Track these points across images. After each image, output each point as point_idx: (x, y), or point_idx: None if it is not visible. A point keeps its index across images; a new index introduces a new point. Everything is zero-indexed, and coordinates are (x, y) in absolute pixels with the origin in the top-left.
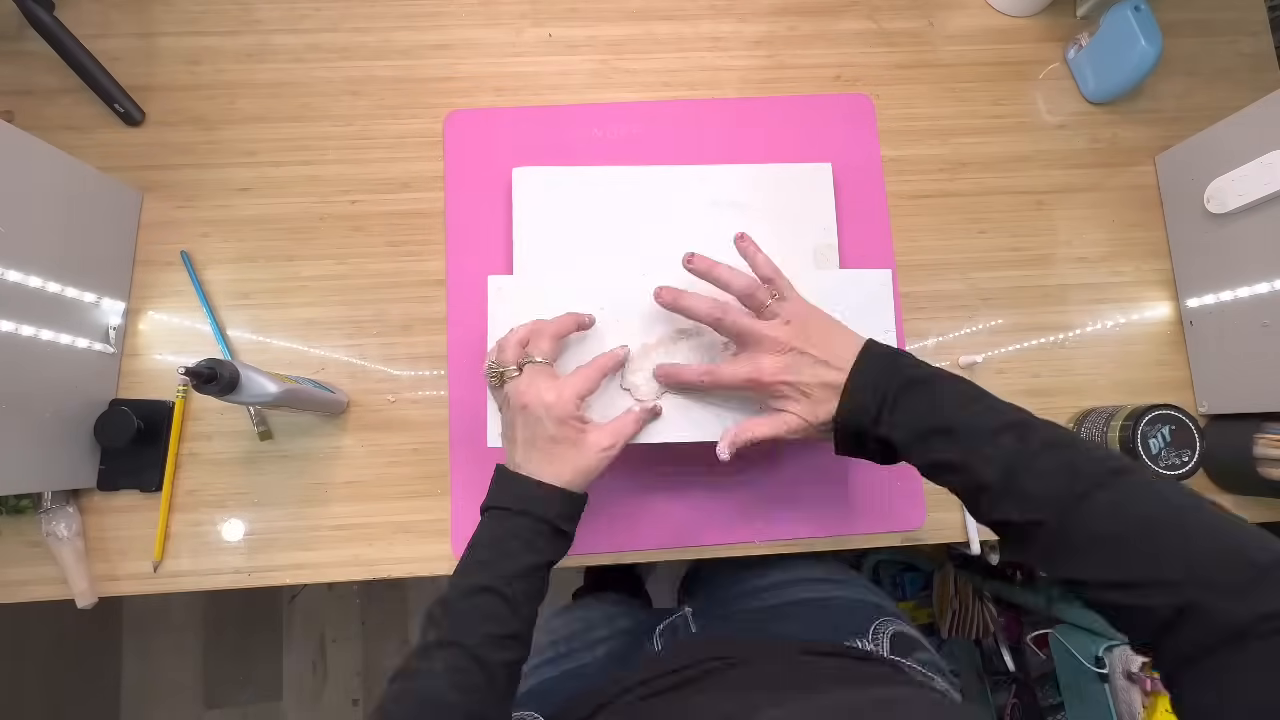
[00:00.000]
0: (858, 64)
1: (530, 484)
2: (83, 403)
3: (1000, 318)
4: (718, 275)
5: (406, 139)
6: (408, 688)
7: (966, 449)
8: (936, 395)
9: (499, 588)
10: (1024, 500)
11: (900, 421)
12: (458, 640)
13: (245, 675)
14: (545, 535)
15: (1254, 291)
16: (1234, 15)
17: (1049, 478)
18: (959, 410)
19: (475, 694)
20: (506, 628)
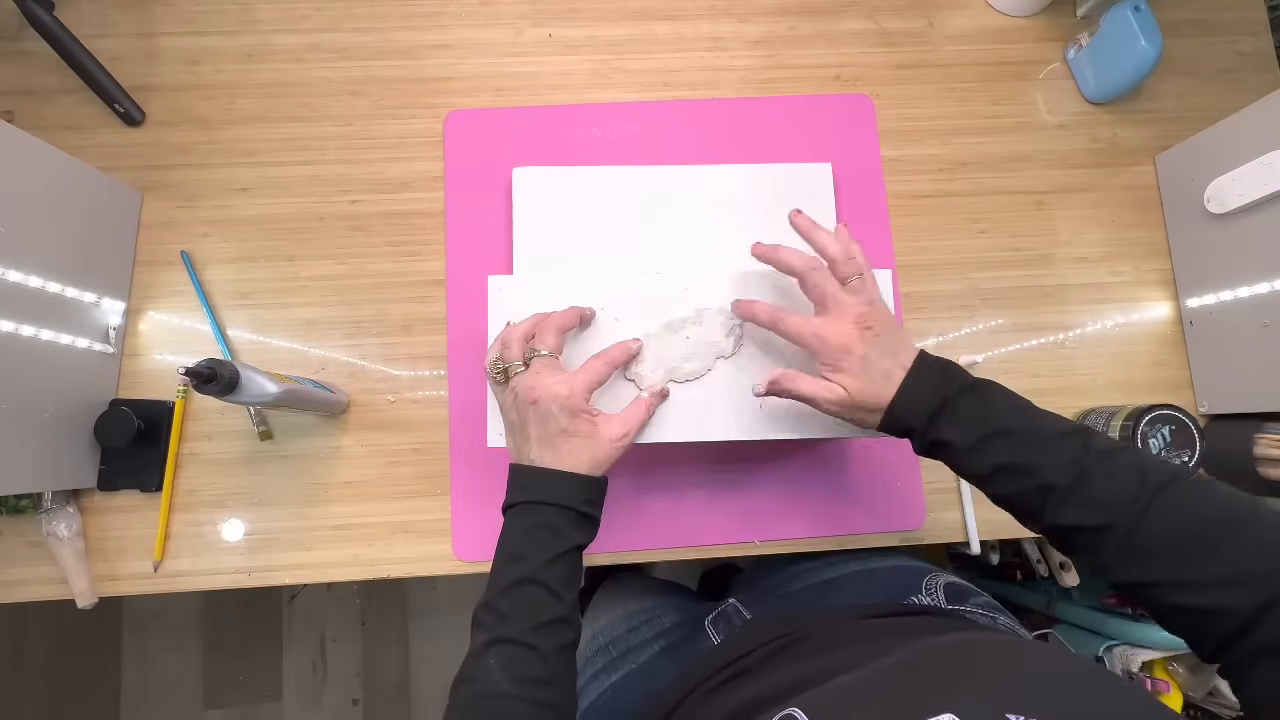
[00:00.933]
0: (858, 64)
1: (549, 473)
2: (83, 403)
3: (1000, 318)
4: (816, 239)
5: (406, 139)
6: (469, 692)
7: (1032, 451)
8: (993, 400)
9: (537, 576)
10: (1094, 503)
11: (963, 419)
12: (506, 635)
13: (245, 675)
14: (572, 520)
15: (1254, 291)
16: (1234, 15)
17: (1118, 480)
18: (1018, 415)
19: (533, 683)
20: (552, 613)
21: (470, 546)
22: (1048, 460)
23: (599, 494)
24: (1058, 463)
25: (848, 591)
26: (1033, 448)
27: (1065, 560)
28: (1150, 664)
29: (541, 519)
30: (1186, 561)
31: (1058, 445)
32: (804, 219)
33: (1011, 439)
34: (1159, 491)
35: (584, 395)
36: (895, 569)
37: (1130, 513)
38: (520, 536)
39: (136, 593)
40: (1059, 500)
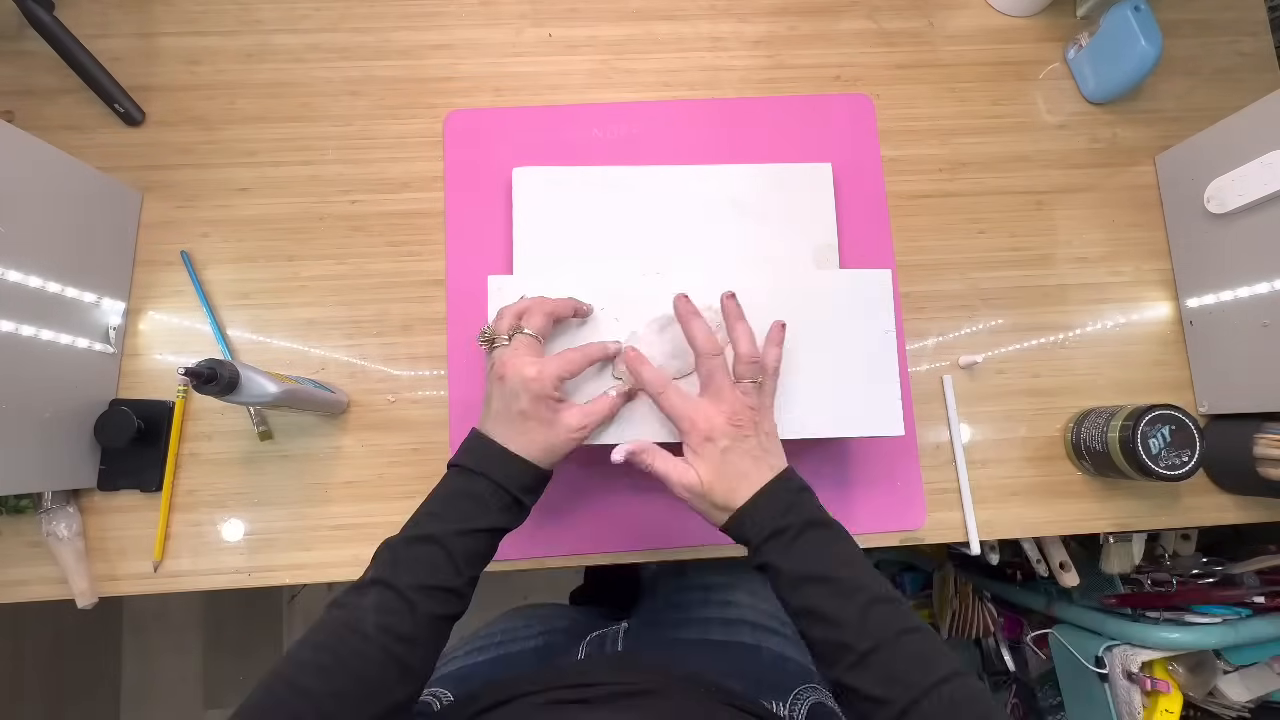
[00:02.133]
0: (858, 64)
1: (495, 449)
2: (83, 403)
3: (1000, 318)
4: (734, 330)
5: (406, 139)
6: (336, 616)
7: (841, 605)
8: (831, 546)
9: (445, 541)
10: (880, 678)
11: (797, 553)
12: (391, 582)
13: (245, 675)
14: (503, 502)
15: (1254, 291)
16: (1234, 15)
17: (909, 663)
18: (847, 568)
19: (394, 636)
20: (443, 580)
21: None
22: (854, 620)
23: (539, 484)
24: (863, 626)
25: (729, 659)
26: (845, 604)
27: (1065, 560)
28: (1150, 664)
29: (471, 489)
30: None
31: (868, 610)
32: (732, 305)
33: (830, 586)
34: (939, 684)
35: (552, 381)
36: (779, 659)
37: (908, 699)
38: (449, 496)
39: (136, 593)
40: (852, 663)
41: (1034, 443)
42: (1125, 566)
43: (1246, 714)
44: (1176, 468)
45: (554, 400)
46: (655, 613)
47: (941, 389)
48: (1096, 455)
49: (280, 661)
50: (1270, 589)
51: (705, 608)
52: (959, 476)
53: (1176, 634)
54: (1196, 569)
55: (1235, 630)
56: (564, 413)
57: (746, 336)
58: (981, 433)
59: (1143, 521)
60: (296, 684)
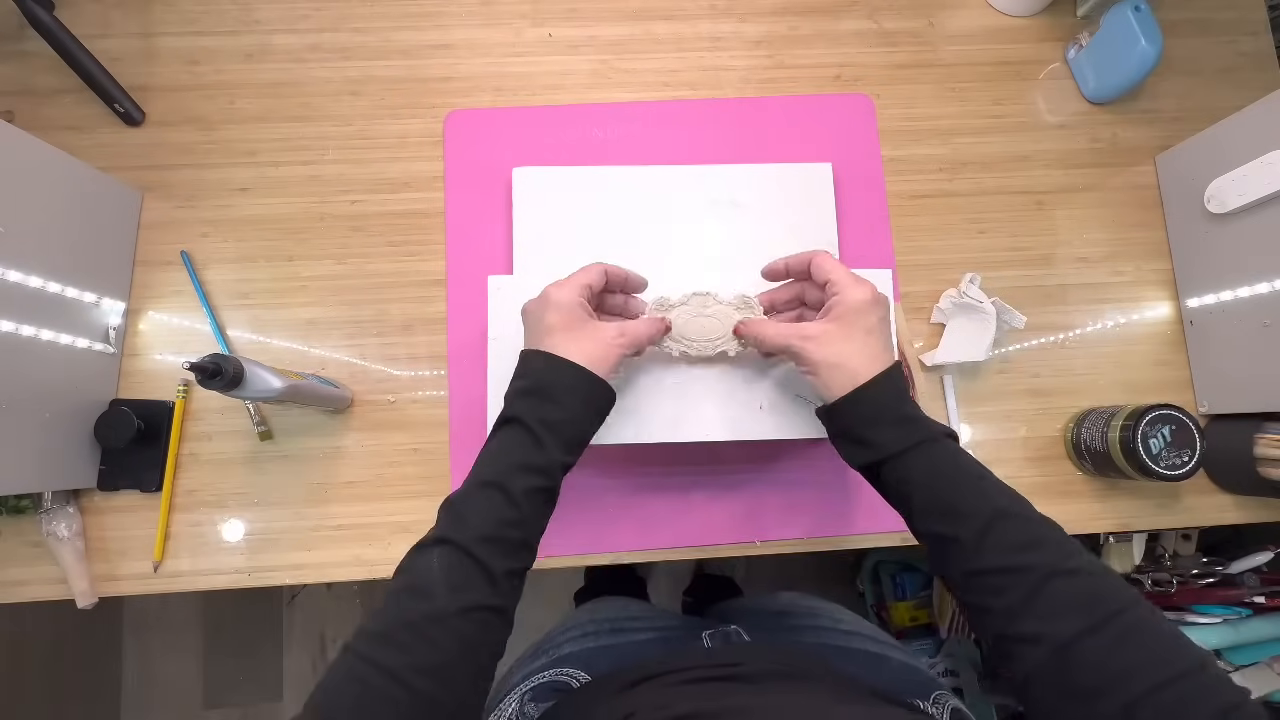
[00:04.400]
0: (858, 64)
1: (544, 358)
2: (83, 403)
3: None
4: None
5: (406, 139)
6: (402, 583)
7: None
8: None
9: (503, 483)
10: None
11: (918, 464)
12: (455, 539)
13: (245, 675)
14: (562, 427)
15: (1254, 291)
16: (1234, 15)
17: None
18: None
19: (468, 600)
20: (509, 530)
21: None
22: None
23: (599, 397)
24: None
25: (857, 664)
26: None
27: None
28: None
29: (535, 415)
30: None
31: (988, 530)
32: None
33: (956, 520)
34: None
35: (578, 289)
36: (908, 666)
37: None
38: (504, 441)
39: (136, 593)
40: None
41: (1034, 443)
42: (1125, 566)
43: None
44: (1176, 468)
45: (585, 309)
46: (761, 619)
47: (942, 389)
48: (1097, 455)
49: (355, 638)
50: (1270, 589)
51: (815, 619)
52: None
53: None
54: (1196, 569)
55: (1235, 630)
56: (599, 322)
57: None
58: (981, 433)
59: (1143, 521)
60: (376, 661)
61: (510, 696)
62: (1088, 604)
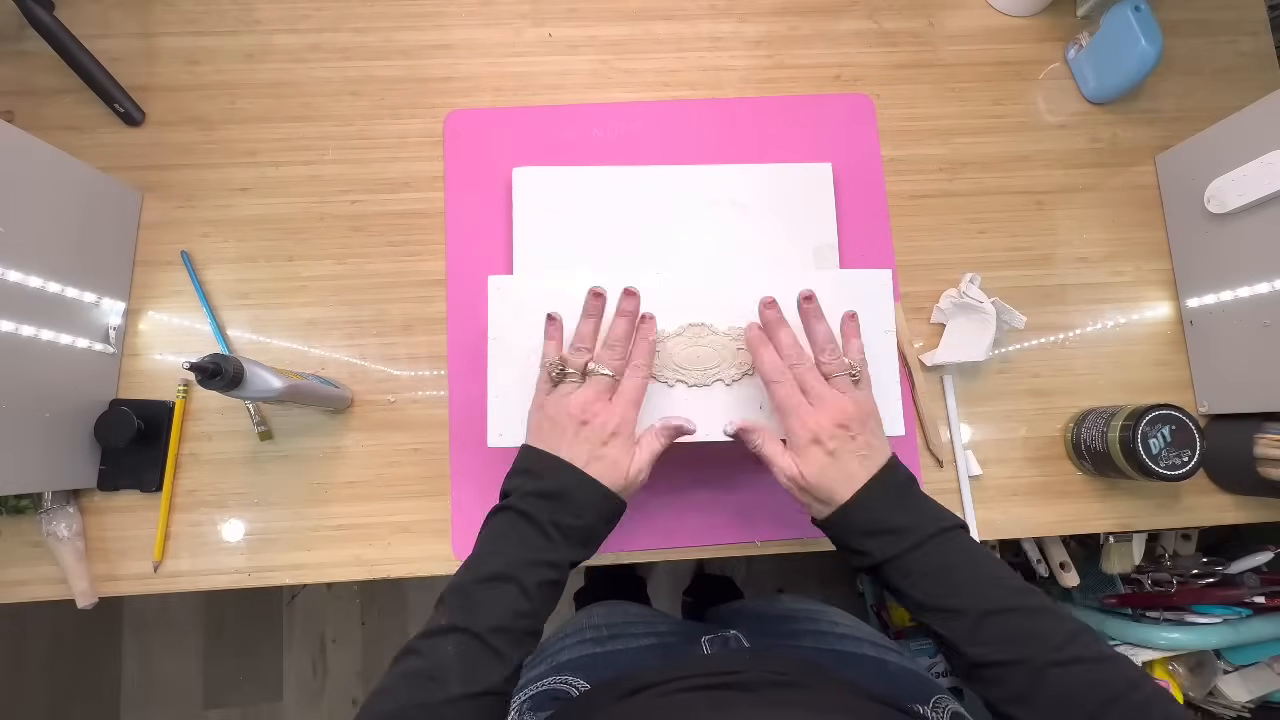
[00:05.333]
0: (858, 64)
1: (577, 472)
2: (83, 403)
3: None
4: (814, 331)
5: (406, 139)
6: (413, 666)
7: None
8: (938, 559)
9: (516, 576)
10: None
11: (910, 568)
12: (469, 627)
13: (245, 675)
14: (572, 532)
15: (1254, 291)
16: (1234, 15)
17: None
18: (955, 592)
19: (481, 688)
20: (523, 622)
21: (470, 547)
22: (967, 637)
23: (615, 515)
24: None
25: (855, 668)
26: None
27: (1065, 560)
28: (1150, 664)
29: (545, 515)
30: None
31: (981, 625)
32: (811, 306)
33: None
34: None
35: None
36: (908, 670)
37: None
38: (509, 532)
39: (136, 593)
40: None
41: (1034, 443)
42: (1125, 566)
43: (1246, 714)
44: (1177, 468)
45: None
46: (761, 623)
47: (941, 389)
48: (1097, 455)
49: (363, 713)
50: (1270, 589)
51: (815, 623)
52: (959, 476)
53: (1177, 634)
54: (1196, 569)
55: (1235, 630)
56: (635, 456)
57: (825, 334)
58: (982, 433)
59: (1143, 521)
60: None
61: (510, 705)
62: (1085, 691)
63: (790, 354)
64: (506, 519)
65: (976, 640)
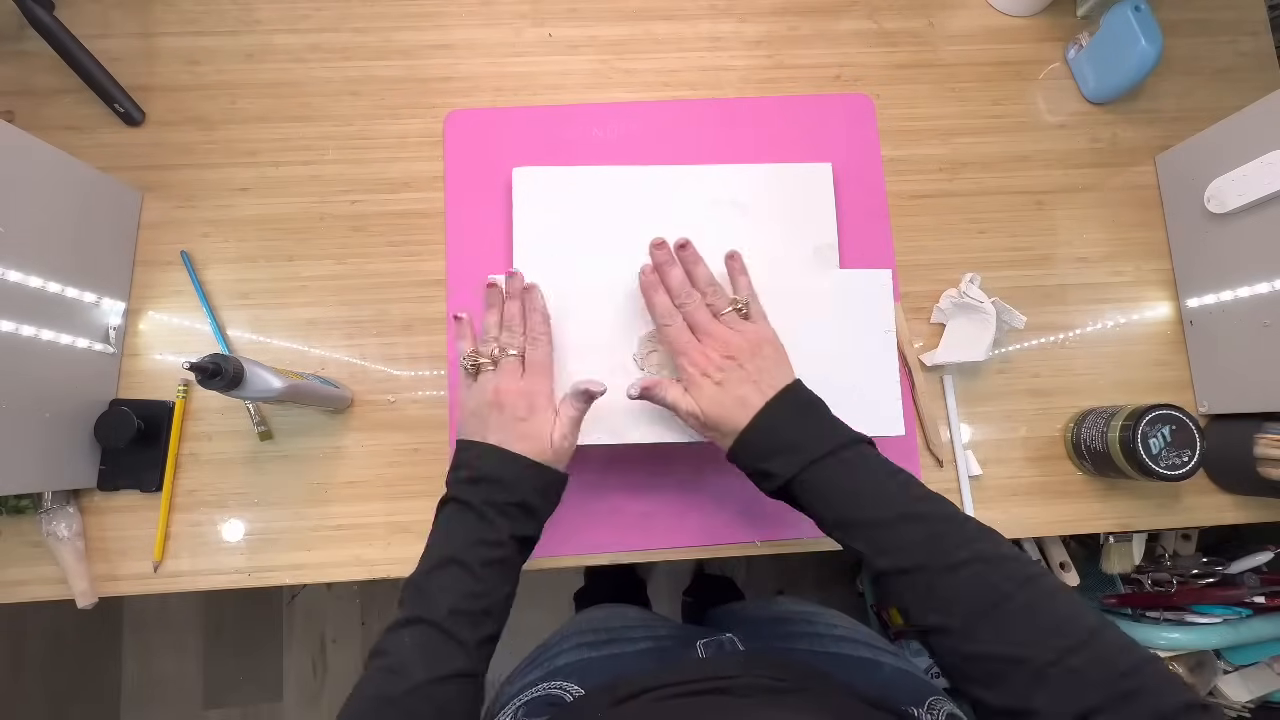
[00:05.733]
0: (858, 64)
1: (500, 452)
2: (83, 403)
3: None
4: (695, 272)
5: (406, 139)
6: (378, 665)
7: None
8: (839, 476)
9: (462, 559)
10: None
11: (813, 483)
12: (425, 616)
13: (245, 675)
14: (509, 509)
15: (1254, 291)
16: (1234, 15)
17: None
18: (855, 501)
19: (442, 673)
20: (473, 603)
21: None
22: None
23: (551, 485)
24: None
25: (850, 671)
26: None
27: (1065, 560)
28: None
29: (480, 500)
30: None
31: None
32: (688, 252)
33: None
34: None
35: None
36: (903, 672)
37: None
38: (452, 521)
39: (136, 593)
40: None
41: (1034, 443)
42: (1125, 566)
43: (1246, 714)
44: (1177, 468)
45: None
46: (758, 626)
47: (941, 389)
48: (1097, 455)
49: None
50: (1270, 589)
51: (811, 625)
52: (959, 476)
53: (1176, 634)
54: (1196, 569)
55: (1235, 630)
56: (548, 422)
57: (705, 276)
58: (982, 433)
59: (1143, 521)
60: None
61: (504, 712)
62: (981, 591)
63: (679, 293)
64: (445, 512)
65: (879, 549)
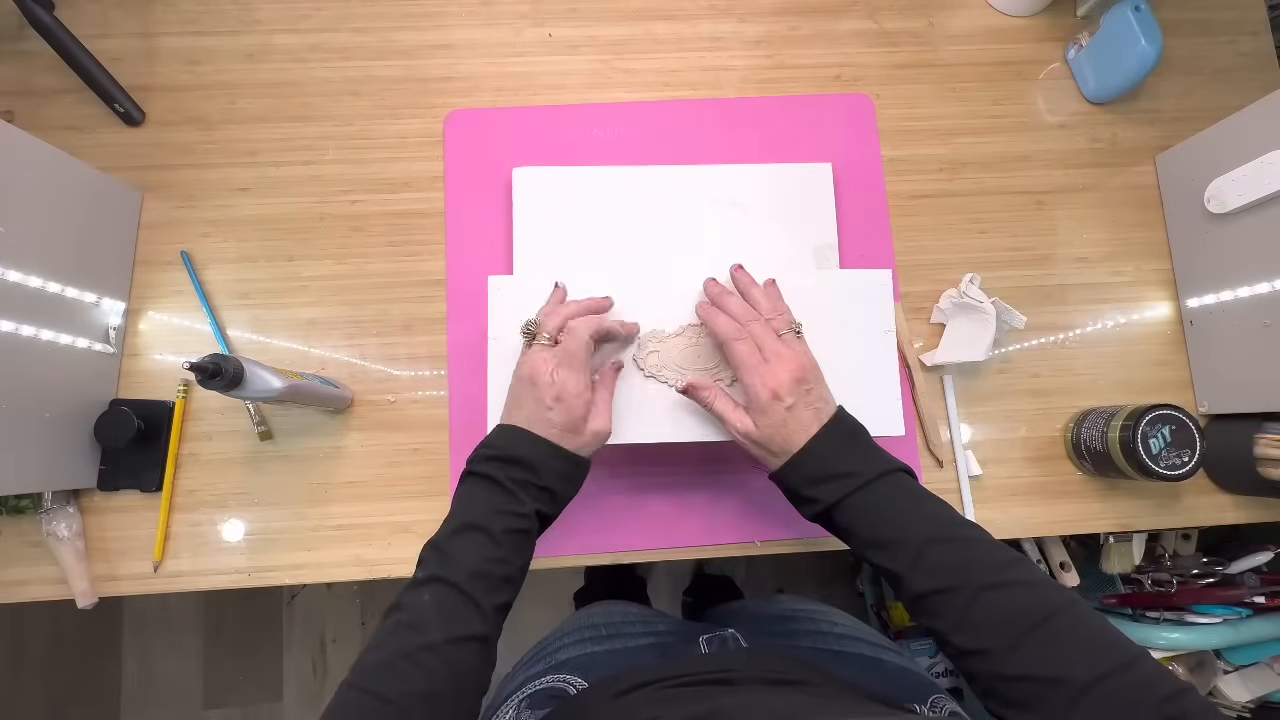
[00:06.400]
0: (858, 64)
1: (532, 438)
2: (83, 403)
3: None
4: (754, 294)
5: (406, 139)
6: (396, 620)
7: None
8: (886, 499)
9: (485, 525)
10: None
11: (856, 508)
12: (445, 576)
13: (245, 675)
14: (534, 488)
15: (1254, 291)
16: (1234, 15)
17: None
18: (895, 525)
19: (459, 634)
20: (495, 567)
21: None
22: (909, 565)
23: (575, 471)
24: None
25: (853, 668)
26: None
27: (1065, 560)
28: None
29: (509, 477)
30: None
31: (922, 555)
32: (744, 274)
33: (886, 550)
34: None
35: (588, 406)
36: (904, 670)
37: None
38: (477, 492)
39: (136, 593)
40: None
41: (1034, 443)
42: (1125, 566)
43: (1246, 714)
44: (1176, 468)
45: (584, 420)
46: (760, 623)
47: (942, 389)
48: (1096, 455)
49: (351, 673)
50: (1270, 589)
51: (814, 623)
52: (959, 476)
53: (1176, 634)
54: (1196, 569)
55: (1235, 630)
56: (591, 421)
57: (763, 293)
58: (982, 433)
59: (1143, 521)
60: (376, 691)
61: (508, 703)
62: (1017, 615)
63: (742, 316)
64: (468, 484)
65: (917, 570)
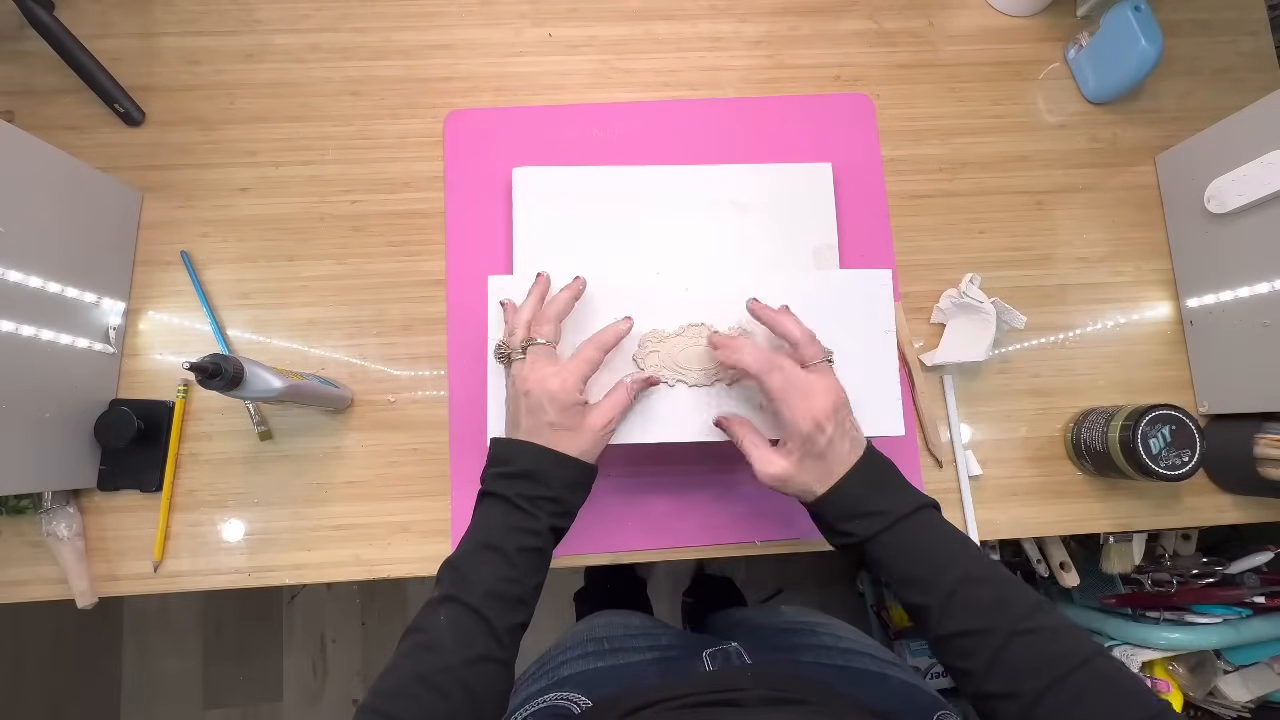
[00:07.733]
0: (858, 64)
1: (533, 448)
2: (83, 403)
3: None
4: (782, 324)
5: (406, 139)
6: (414, 641)
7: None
8: (921, 534)
9: (500, 547)
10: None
11: (890, 544)
12: (460, 596)
13: (245, 675)
14: (547, 505)
15: (1254, 291)
16: (1234, 15)
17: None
18: (927, 562)
19: (474, 654)
20: (509, 588)
21: None
22: (939, 606)
23: (584, 478)
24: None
25: (858, 684)
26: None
27: (1065, 560)
28: (1150, 664)
29: (520, 491)
30: None
31: (953, 596)
32: (761, 306)
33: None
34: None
35: (576, 387)
36: (910, 686)
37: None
38: (492, 514)
39: (136, 593)
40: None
41: (1034, 443)
42: (1125, 566)
43: (1246, 714)
44: (1176, 468)
45: (580, 406)
46: (763, 636)
47: (941, 389)
48: (1097, 455)
49: (369, 695)
50: (1270, 589)
51: (817, 636)
52: (959, 476)
53: (1177, 634)
54: (1196, 569)
55: (1235, 630)
56: (589, 416)
57: (795, 324)
58: (982, 433)
59: (1143, 521)
60: (393, 715)
61: (512, 672)
62: (1048, 661)
63: (770, 349)
64: (482, 505)
65: (950, 609)
